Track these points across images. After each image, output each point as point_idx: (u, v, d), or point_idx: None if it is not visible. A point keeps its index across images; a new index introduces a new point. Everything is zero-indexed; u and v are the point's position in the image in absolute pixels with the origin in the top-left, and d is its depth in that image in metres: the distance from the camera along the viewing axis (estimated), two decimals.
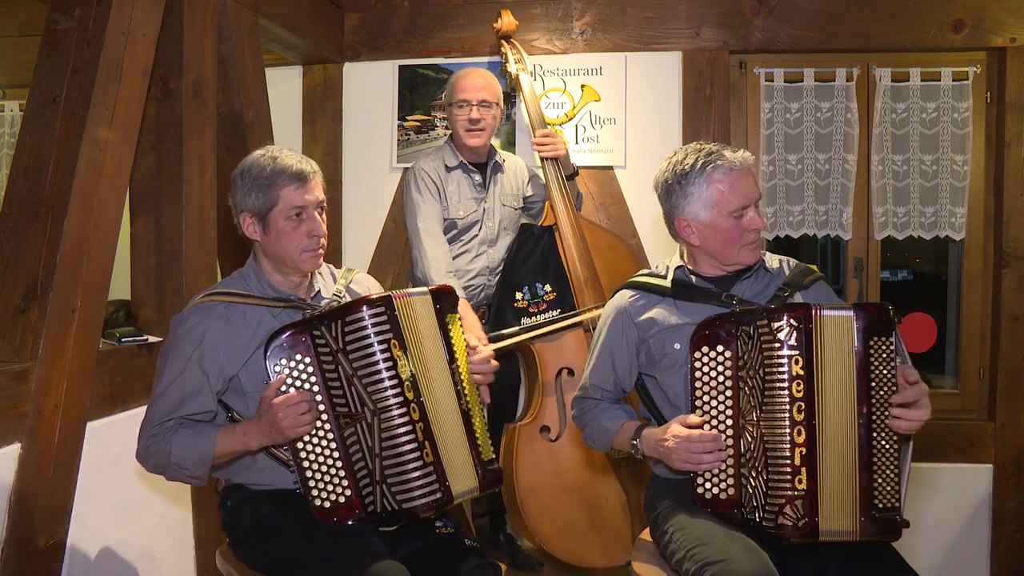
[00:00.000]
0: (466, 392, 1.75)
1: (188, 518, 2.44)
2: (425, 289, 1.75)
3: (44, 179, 1.93)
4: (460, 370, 1.75)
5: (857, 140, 3.24)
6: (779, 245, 3.61)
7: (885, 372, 1.62)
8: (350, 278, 1.91)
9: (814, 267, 1.93)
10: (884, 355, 1.62)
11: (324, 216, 1.79)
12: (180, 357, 1.70)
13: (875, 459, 1.61)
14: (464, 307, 2.59)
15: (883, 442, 1.61)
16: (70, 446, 1.97)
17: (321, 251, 1.78)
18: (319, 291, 1.86)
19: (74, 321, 1.95)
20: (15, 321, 1.88)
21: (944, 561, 3.19)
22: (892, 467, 1.61)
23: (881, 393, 1.61)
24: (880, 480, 1.60)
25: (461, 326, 1.81)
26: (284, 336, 1.67)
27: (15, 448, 1.82)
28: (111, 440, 2.11)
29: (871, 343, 1.62)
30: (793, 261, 1.95)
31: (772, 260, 1.94)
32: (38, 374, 1.85)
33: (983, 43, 3.16)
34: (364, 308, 1.64)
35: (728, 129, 3.30)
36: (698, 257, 1.90)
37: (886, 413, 1.61)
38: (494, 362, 1.86)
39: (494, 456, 1.77)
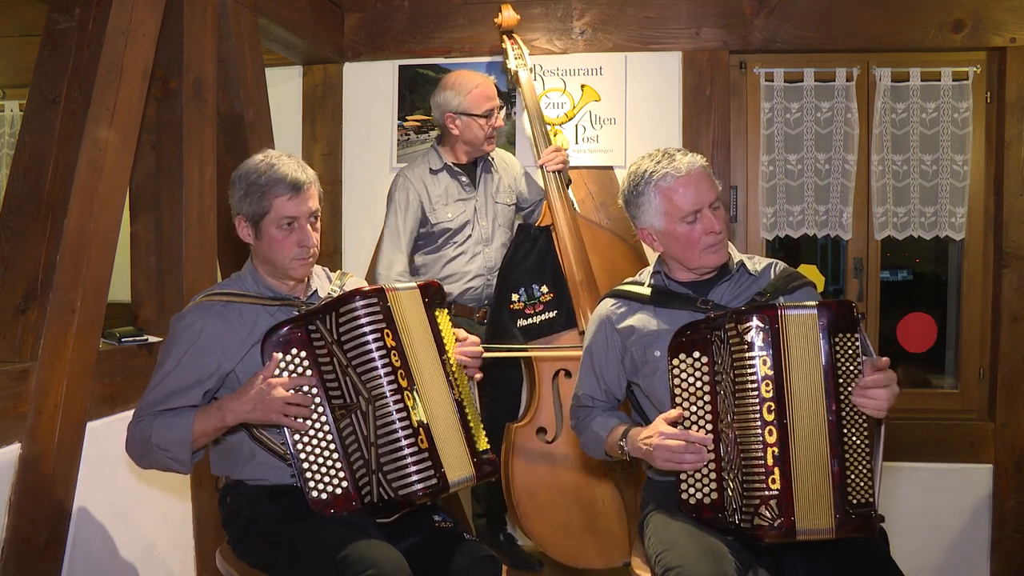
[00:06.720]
0: (457, 383, 1.79)
1: (188, 518, 2.44)
2: (413, 284, 1.80)
3: (44, 179, 1.93)
4: (451, 362, 1.80)
5: (857, 140, 3.24)
6: (779, 245, 3.61)
7: (851, 368, 1.64)
8: (344, 281, 1.94)
9: (812, 269, 1.93)
10: (849, 351, 1.64)
11: (318, 224, 1.81)
12: (175, 354, 1.74)
13: (847, 455, 1.62)
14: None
15: (854, 438, 1.62)
16: (70, 446, 1.97)
17: (311, 260, 1.81)
18: (316, 291, 1.90)
19: (74, 321, 1.95)
20: (15, 321, 1.88)
21: (944, 561, 3.18)
22: (865, 462, 1.63)
23: (849, 389, 1.63)
24: (853, 476, 1.61)
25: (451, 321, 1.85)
26: (280, 331, 1.71)
27: (15, 448, 1.82)
28: (111, 440, 2.11)
29: (836, 340, 1.64)
30: (782, 266, 1.93)
31: (758, 263, 1.92)
32: (38, 374, 1.85)
33: (983, 43, 3.16)
34: (358, 299, 1.68)
35: (728, 129, 3.29)
36: (669, 263, 1.92)
37: (855, 408, 1.63)
38: (479, 350, 1.88)
39: (488, 447, 1.81)
